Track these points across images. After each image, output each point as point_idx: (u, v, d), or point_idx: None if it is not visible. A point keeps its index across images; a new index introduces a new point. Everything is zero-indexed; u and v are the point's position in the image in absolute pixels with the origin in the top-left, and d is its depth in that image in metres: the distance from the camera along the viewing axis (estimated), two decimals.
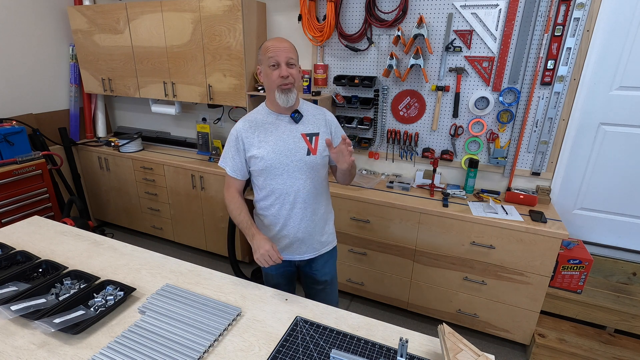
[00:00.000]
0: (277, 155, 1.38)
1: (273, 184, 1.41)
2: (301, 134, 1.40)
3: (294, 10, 2.57)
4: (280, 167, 1.38)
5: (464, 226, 2.06)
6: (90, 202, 3.57)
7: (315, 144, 1.41)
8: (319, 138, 1.42)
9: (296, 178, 1.40)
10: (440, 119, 2.38)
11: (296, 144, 1.39)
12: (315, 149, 1.41)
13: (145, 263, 1.47)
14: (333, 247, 1.62)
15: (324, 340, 1.09)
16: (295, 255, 1.52)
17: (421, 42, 2.23)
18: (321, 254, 1.56)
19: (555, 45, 2.00)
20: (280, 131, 1.40)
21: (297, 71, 1.37)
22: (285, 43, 1.34)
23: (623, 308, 2.05)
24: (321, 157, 1.43)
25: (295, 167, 1.39)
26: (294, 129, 1.40)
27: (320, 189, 1.48)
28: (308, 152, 1.40)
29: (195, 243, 3.13)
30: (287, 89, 1.34)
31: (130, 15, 2.82)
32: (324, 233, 1.54)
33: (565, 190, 2.26)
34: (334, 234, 1.62)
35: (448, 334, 1.00)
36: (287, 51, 1.32)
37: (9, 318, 1.14)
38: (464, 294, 2.20)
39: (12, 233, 1.68)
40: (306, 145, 1.40)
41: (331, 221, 1.60)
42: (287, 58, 1.31)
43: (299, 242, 1.49)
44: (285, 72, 1.31)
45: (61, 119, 3.30)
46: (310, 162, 1.40)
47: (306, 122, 1.43)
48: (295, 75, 1.34)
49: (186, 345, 1.03)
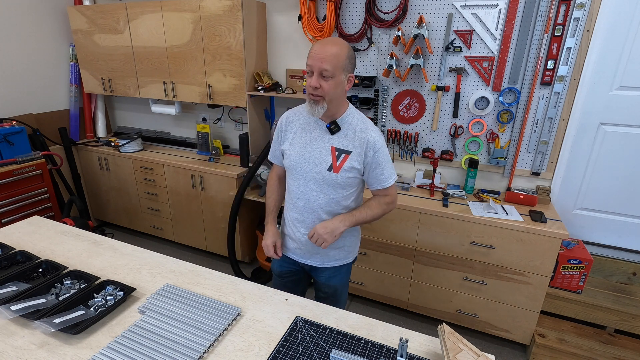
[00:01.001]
0: (301, 159, 1.34)
1: (291, 183, 1.41)
2: (332, 146, 1.31)
3: (294, 10, 2.57)
4: (300, 171, 1.35)
5: (464, 226, 2.06)
6: (90, 202, 3.57)
7: (342, 162, 1.30)
8: (348, 157, 1.30)
9: (310, 188, 1.35)
10: (440, 119, 2.38)
11: (322, 155, 1.31)
12: (339, 168, 1.30)
13: (145, 263, 1.47)
14: (344, 264, 1.50)
15: (324, 340, 1.09)
16: (298, 257, 1.51)
17: (421, 42, 2.23)
18: (327, 267, 1.48)
19: (555, 45, 2.00)
20: (313, 136, 1.34)
21: (335, 84, 1.21)
22: (328, 49, 1.19)
23: (623, 308, 2.05)
24: (343, 178, 1.31)
25: (313, 177, 1.33)
26: (327, 139, 1.32)
27: (337, 207, 1.37)
28: (330, 168, 1.30)
29: (195, 243, 3.13)
30: (314, 100, 1.24)
31: (130, 15, 2.82)
32: (333, 248, 1.44)
33: (565, 190, 2.26)
34: (350, 253, 1.50)
35: (448, 334, 1.00)
36: (323, 60, 1.18)
37: (9, 318, 1.14)
38: (464, 294, 2.20)
39: (12, 233, 1.68)
40: (331, 160, 1.30)
41: (348, 239, 1.47)
42: (320, 68, 1.18)
43: (303, 247, 1.46)
44: (315, 82, 1.20)
45: (61, 119, 3.30)
46: (328, 178, 1.31)
47: (343, 136, 1.31)
48: (327, 89, 1.21)
49: (186, 345, 1.03)
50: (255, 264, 3.08)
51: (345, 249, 1.48)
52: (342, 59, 1.21)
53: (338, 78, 1.22)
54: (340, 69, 1.21)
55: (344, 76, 1.24)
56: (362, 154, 1.31)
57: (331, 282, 1.52)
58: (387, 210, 1.40)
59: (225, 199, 2.78)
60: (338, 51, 1.20)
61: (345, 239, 1.46)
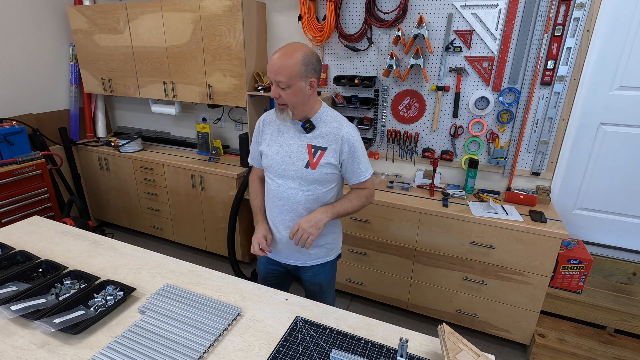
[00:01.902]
0: (279, 158, 1.38)
1: (270, 183, 1.43)
2: (308, 144, 1.35)
3: (294, 10, 2.57)
4: (278, 169, 1.38)
5: (464, 226, 2.06)
6: (90, 202, 3.57)
7: (319, 158, 1.34)
8: (324, 153, 1.34)
9: (288, 186, 1.38)
10: (440, 119, 2.38)
11: (299, 153, 1.35)
12: (316, 164, 1.34)
13: (145, 263, 1.47)
14: (327, 262, 1.53)
15: (324, 340, 1.09)
16: (281, 258, 1.52)
17: (421, 42, 2.23)
18: (309, 265, 1.51)
19: (555, 45, 2.00)
20: (289, 135, 1.38)
21: (293, 93, 1.25)
22: (282, 61, 1.22)
23: (623, 308, 2.05)
24: (320, 174, 1.35)
25: (291, 175, 1.37)
26: (303, 137, 1.36)
27: (317, 205, 1.39)
28: (307, 165, 1.34)
29: (195, 243, 3.13)
30: (279, 108, 1.31)
31: (130, 15, 2.82)
32: (315, 246, 1.46)
33: (565, 190, 2.26)
34: (332, 250, 1.53)
35: (448, 334, 1.00)
36: (276, 73, 1.22)
37: (9, 318, 1.14)
38: (464, 294, 2.20)
39: (12, 233, 1.68)
40: (308, 157, 1.34)
41: (330, 236, 1.50)
42: (275, 80, 1.24)
43: (285, 248, 1.48)
44: (274, 94, 1.27)
45: (61, 119, 3.30)
46: (306, 175, 1.35)
47: (318, 134, 1.35)
48: (286, 98, 1.26)
49: (186, 345, 1.03)
50: (255, 264, 3.08)
51: (327, 247, 1.50)
52: (296, 68, 1.22)
53: (296, 86, 1.25)
54: (296, 78, 1.23)
55: (303, 83, 1.26)
56: (338, 150, 1.35)
57: (316, 280, 1.55)
58: (365, 202, 1.44)
59: (225, 199, 2.78)
60: (290, 61, 1.21)
61: (326, 237, 1.49)
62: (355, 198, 1.42)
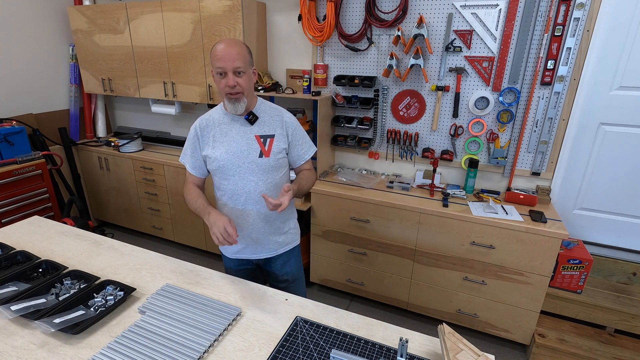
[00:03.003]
0: (229, 156, 1.38)
1: (226, 183, 1.43)
2: (255, 135, 1.39)
3: (294, 10, 2.57)
4: (232, 168, 1.39)
5: (464, 226, 2.06)
6: (90, 202, 3.57)
7: (270, 146, 1.39)
8: (274, 140, 1.40)
9: (247, 180, 1.39)
10: (440, 119, 2.38)
11: (249, 146, 1.38)
12: (269, 152, 1.39)
13: (145, 263, 1.47)
14: (293, 247, 1.59)
15: (324, 340, 1.09)
16: (251, 255, 1.52)
17: (421, 42, 2.23)
18: (279, 254, 1.55)
19: (555, 45, 2.00)
20: (234, 132, 1.39)
21: (248, 78, 1.30)
22: (234, 48, 1.25)
23: (623, 308, 2.05)
24: (275, 160, 1.40)
25: (247, 168, 1.38)
26: (248, 131, 1.39)
27: (276, 191, 1.44)
28: (260, 154, 1.38)
29: (195, 243, 3.13)
30: (235, 98, 1.31)
31: (130, 15, 2.82)
32: (281, 234, 1.52)
33: (565, 190, 2.26)
34: (295, 234, 1.60)
35: (448, 334, 1.00)
36: (234, 60, 1.24)
37: (9, 318, 1.14)
38: (464, 294, 2.20)
39: (12, 233, 1.68)
40: (259, 147, 1.38)
41: (292, 221, 1.57)
42: (234, 67, 1.25)
43: (254, 243, 1.49)
44: (232, 82, 1.26)
45: (61, 119, 3.30)
46: (262, 164, 1.39)
47: (262, 124, 1.41)
48: (243, 84, 1.29)
49: (186, 345, 1.03)
50: None
51: (291, 232, 1.57)
52: (247, 55, 1.31)
53: (249, 72, 1.32)
54: (248, 64, 1.31)
55: (250, 70, 1.34)
56: (285, 134, 1.43)
57: (286, 269, 1.59)
58: (314, 178, 1.54)
59: None
60: (242, 49, 1.29)
61: (289, 222, 1.56)
62: (308, 176, 1.51)
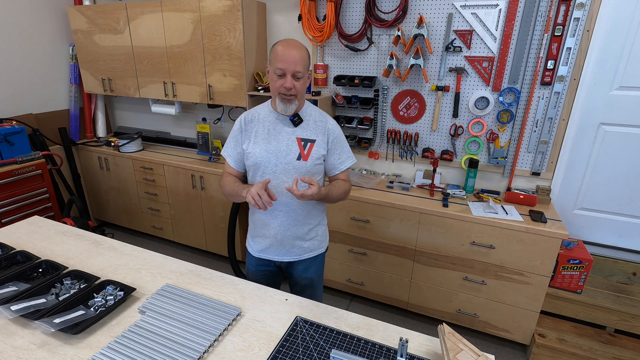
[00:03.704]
0: (268, 154, 1.38)
1: (259, 180, 1.41)
2: (297, 137, 1.39)
3: (294, 10, 2.57)
4: (268, 166, 1.39)
5: (464, 226, 2.06)
6: (90, 202, 3.57)
7: (309, 150, 1.39)
8: (314, 145, 1.40)
9: (282, 180, 1.38)
10: (440, 119, 2.38)
11: (289, 147, 1.38)
12: (307, 156, 1.39)
13: (145, 263, 1.47)
14: (318, 254, 1.57)
15: (324, 340, 1.09)
16: (274, 256, 1.52)
17: (421, 42, 2.23)
18: (302, 259, 1.53)
19: (555, 45, 2.00)
20: (277, 131, 1.40)
21: (304, 82, 1.33)
22: (297, 52, 1.28)
23: (623, 308, 2.05)
24: (312, 165, 1.40)
25: (283, 169, 1.38)
26: (290, 132, 1.40)
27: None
28: (299, 157, 1.38)
29: (195, 243, 3.13)
30: (288, 99, 1.33)
31: (130, 15, 2.82)
32: (307, 240, 1.50)
33: (565, 190, 2.26)
34: (322, 242, 1.57)
35: (448, 334, 1.00)
36: (296, 63, 1.28)
37: (9, 318, 1.14)
38: (464, 294, 2.20)
39: (12, 233, 1.68)
40: (299, 149, 1.38)
41: (320, 228, 1.55)
42: (294, 71, 1.28)
43: (279, 244, 1.48)
44: (289, 84, 1.29)
45: (61, 119, 3.30)
46: (299, 167, 1.38)
47: (305, 127, 1.41)
48: (299, 88, 1.32)
49: (186, 345, 1.03)
50: None
51: (318, 239, 1.55)
52: (307, 61, 1.34)
53: (305, 77, 1.35)
54: (306, 69, 1.34)
55: (307, 74, 1.37)
56: (325, 141, 1.43)
57: (307, 274, 1.57)
58: (346, 189, 1.47)
59: (225, 199, 2.78)
60: (305, 54, 1.32)
61: (317, 229, 1.53)
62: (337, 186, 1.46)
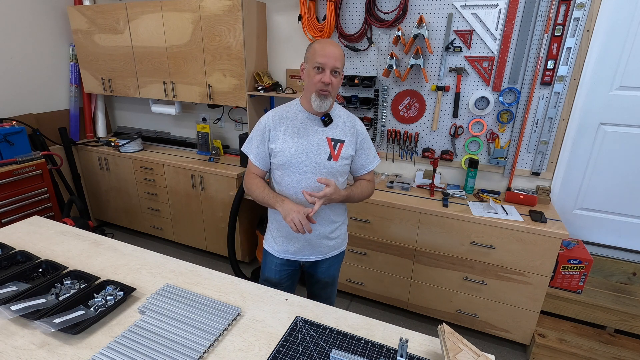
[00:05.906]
0: (298, 154, 1.38)
1: (289, 180, 1.41)
2: (327, 137, 1.40)
3: (294, 10, 2.57)
4: (299, 165, 1.38)
5: (464, 226, 2.06)
6: (90, 202, 3.57)
7: (339, 150, 1.41)
8: (343, 145, 1.41)
9: (312, 180, 1.39)
10: (440, 119, 2.38)
11: (319, 147, 1.39)
12: (337, 156, 1.40)
13: (145, 263, 1.47)
14: (341, 252, 1.61)
15: (324, 340, 1.09)
16: (301, 257, 1.53)
17: (421, 42, 2.23)
18: (327, 257, 1.56)
19: (555, 45, 2.00)
20: (307, 130, 1.40)
21: (339, 81, 1.37)
22: (336, 49, 1.32)
23: (623, 308, 2.05)
24: (341, 165, 1.42)
25: (314, 169, 1.38)
26: (321, 132, 1.40)
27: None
28: (329, 157, 1.39)
29: (195, 243, 3.13)
30: (324, 95, 1.34)
31: (130, 15, 2.82)
32: (332, 238, 1.53)
33: (565, 190, 2.26)
34: (344, 239, 1.61)
35: (448, 334, 1.00)
36: (336, 59, 1.31)
37: (9, 318, 1.14)
38: (464, 294, 2.20)
39: (12, 233, 1.68)
40: (329, 149, 1.39)
41: (344, 227, 1.59)
42: (333, 66, 1.31)
43: (307, 245, 1.50)
44: (327, 79, 1.31)
45: (61, 119, 3.30)
46: (329, 167, 1.39)
47: (335, 127, 1.42)
48: (335, 85, 1.34)
49: (186, 345, 1.03)
50: (255, 264, 3.08)
51: (342, 237, 1.59)
52: (344, 60, 1.38)
53: (341, 75, 1.38)
54: (343, 67, 1.38)
55: (342, 74, 1.39)
56: (354, 142, 1.45)
57: (330, 272, 1.61)
58: (370, 190, 1.52)
59: (225, 199, 2.78)
60: (342, 53, 1.36)
61: (342, 227, 1.57)
62: (361, 186, 1.50)
